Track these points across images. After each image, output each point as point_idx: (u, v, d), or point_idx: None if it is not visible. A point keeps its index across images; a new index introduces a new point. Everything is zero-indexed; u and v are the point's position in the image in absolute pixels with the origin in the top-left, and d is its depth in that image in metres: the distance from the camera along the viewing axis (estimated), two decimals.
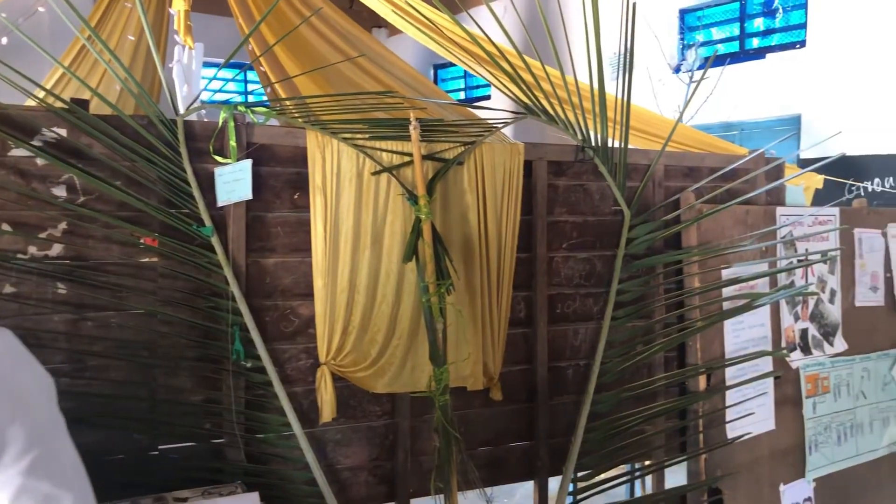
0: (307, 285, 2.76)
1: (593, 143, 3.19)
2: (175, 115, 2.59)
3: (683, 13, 8.39)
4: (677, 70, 8.07)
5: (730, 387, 3.26)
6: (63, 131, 2.44)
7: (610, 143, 3.21)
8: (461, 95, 11.95)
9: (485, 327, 3.02)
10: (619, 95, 3.11)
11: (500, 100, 3.12)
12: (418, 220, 2.75)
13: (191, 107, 2.65)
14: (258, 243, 2.71)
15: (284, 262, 2.75)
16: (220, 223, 2.64)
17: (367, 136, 2.79)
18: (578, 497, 3.15)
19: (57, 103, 2.47)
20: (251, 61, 2.86)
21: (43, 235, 2.43)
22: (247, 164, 2.58)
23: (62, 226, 2.45)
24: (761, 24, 7.87)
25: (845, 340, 3.81)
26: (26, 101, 2.72)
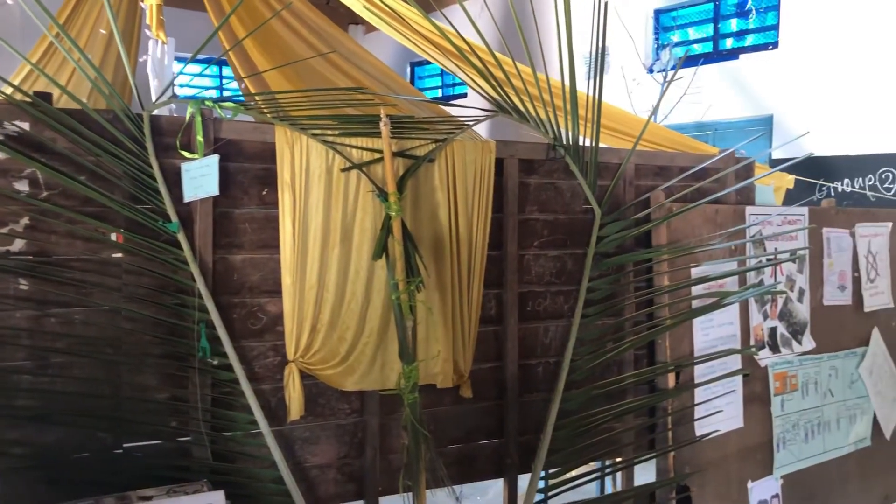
0: (275, 282, 2.75)
1: (565, 141, 3.20)
2: (142, 110, 2.56)
3: (658, 13, 8.44)
4: (651, 70, 8.11)
5: (698, 384, 3.28)
6: (26, 125, 2.41)
7: (582, 142, 3.22)
8: (438, 93, 11.94)
9: (455, 325, 3.01)
10: (590, 93, 3.11)
11: (477, 98, 3.12)
12: (388, 218, 2.74)
13: (157, 101, 2.62)
14: (225, 240, 2.69)
15: (252, 258, 2.73)
16: (187, 219, 2.61)
17: (337, 132, 2.77)
18: (548, 494, 3.16)
19: (20, 96, 2.43)
20: (220, 56, 2.82)
21: (4, 231, 2.39)
22: (214, 159, 2.55)
23: (24, 221, 2.42)
24: (735, 25, 7.93)
25: (813, 339, 3.85)
26: None
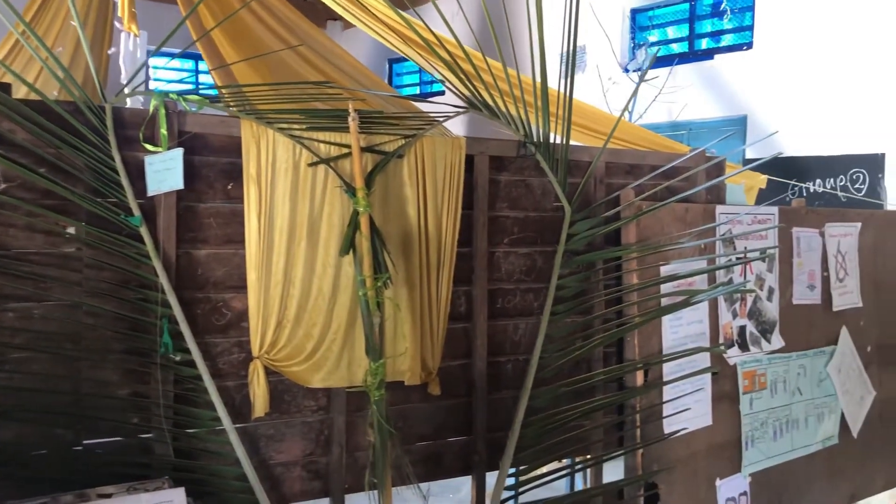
0: (240, 278, 2.71)
1: (536, 138, 3.19)
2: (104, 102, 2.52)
3: (635, 13, 8.47)
4: (627, 69, 8.14)
5: (667, 382, 3.29)
6: None
7: (553, 139, 3.21)
8: (417, 91, 11.91)
9: (423, 321, 3.00)
10: (560, 90, 3.11)
11: (452, 96, 3.10)
12: (356, 213, 2.72)
13: (119, 93, 2.58)
14: (189, 234, 2.65)
15: (217, 253, 2.70)
16: (150, 213, 2.57)
17: (305, 126, 2.75)
18: (518, 491, 3.15)
19: None
20: (186, 47, 2.78)
21: None
22: (178, 152, 2.52)
23: None
24: (710, 26, 7.97)
25: (782, 337, 3.87)
26: None
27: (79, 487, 2.37)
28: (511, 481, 3.14)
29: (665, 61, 7.93)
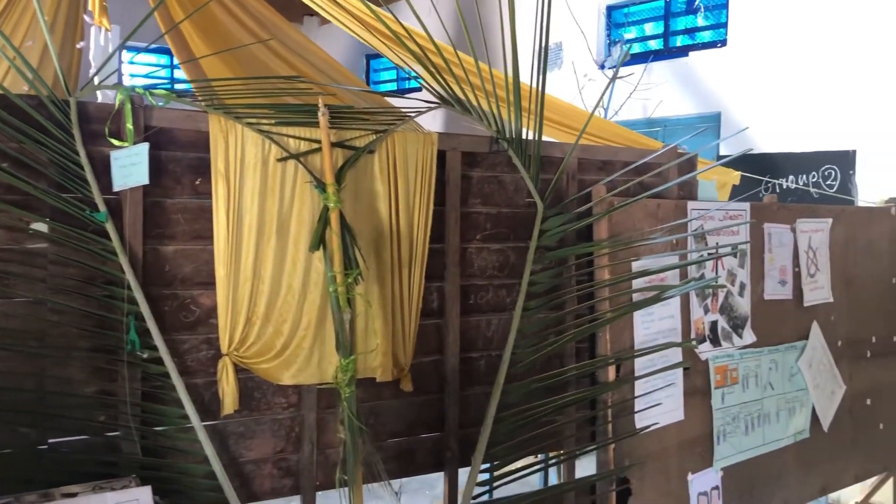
0: (209, 274, 2.69)
1: (508, 134, 3.19)
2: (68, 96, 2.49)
3: (610, 10, 8.49)
4: (602, 66, 8.17)
5: (639, 377, 3.30)
6: None
7: (525, 135, 3.21)
8: (395, 86, 11.88)
9: (395, 318, 2.99)
10: (532, 84, 3.10)
11: (426, 92, 3.09)
12: (326, 209, 2.70)
13: (84, 87, 2.54)
14: (157, 230, 2.62)
15: (184, 249, 2.67)
16: (116, 209, 2.54)
17: (274, 121, 2.72)
18: (492, 486, 3.15)
19: None
20: (153, 41, 2.74)
21: None
22: (143, 147, 2.49)
23: None
24: (685, 23, 8.01)
25: (754, 332, 3.90)
26: None
27: (44, 487, 2.35)
28: (484, 477, 3.14)
29: (640, 58, 7.95)
